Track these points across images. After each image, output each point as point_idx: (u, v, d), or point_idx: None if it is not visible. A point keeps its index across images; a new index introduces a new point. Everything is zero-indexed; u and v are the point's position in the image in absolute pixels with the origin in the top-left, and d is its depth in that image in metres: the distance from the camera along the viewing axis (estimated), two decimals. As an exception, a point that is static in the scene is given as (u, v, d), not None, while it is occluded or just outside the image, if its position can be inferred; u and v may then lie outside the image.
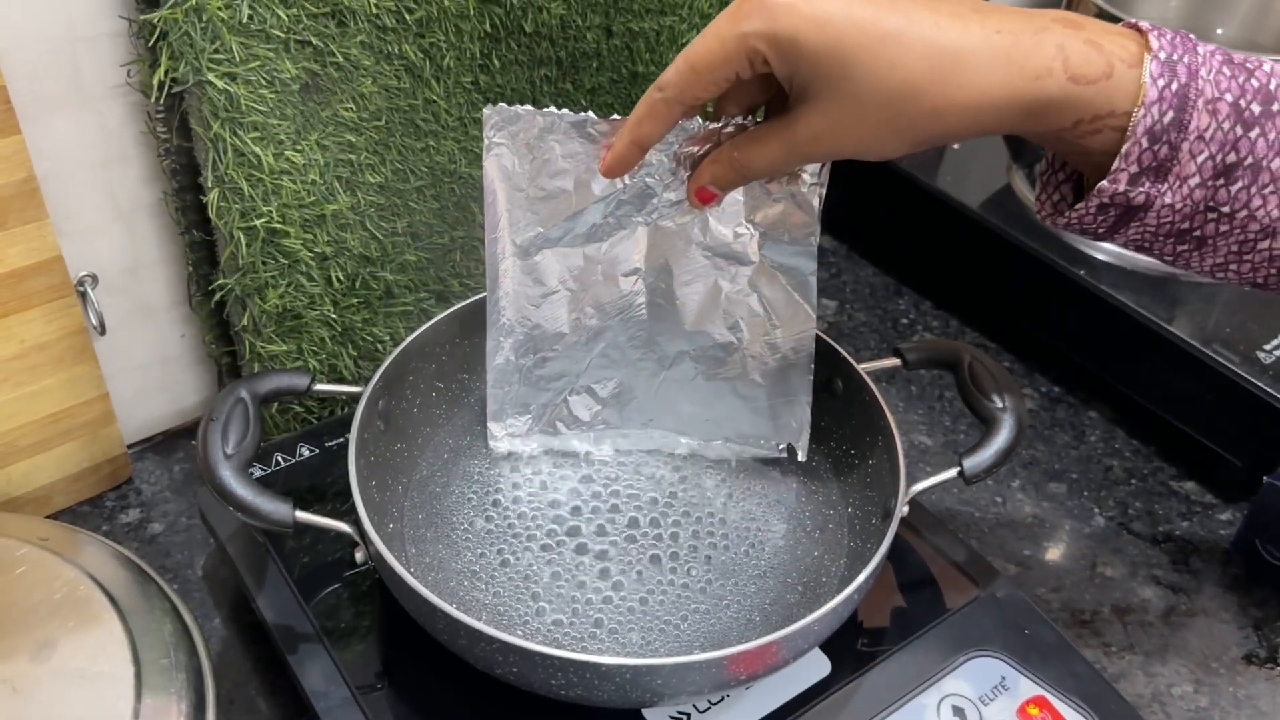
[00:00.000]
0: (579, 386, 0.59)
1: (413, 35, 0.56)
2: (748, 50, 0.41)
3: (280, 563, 0.55)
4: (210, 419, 0.50)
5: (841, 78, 0.41)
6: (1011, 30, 0.40)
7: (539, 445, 0.59)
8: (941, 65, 0.40)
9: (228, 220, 0.55)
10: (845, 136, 0.43)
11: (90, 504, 0.63)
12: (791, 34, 0.40)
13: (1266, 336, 0.67)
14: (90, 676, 0.45)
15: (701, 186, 0.48)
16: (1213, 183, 0.41)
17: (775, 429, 0.58)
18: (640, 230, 0.54)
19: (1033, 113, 0.41)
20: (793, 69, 0.42)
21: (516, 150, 0.51)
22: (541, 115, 0.50)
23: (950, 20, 0.40)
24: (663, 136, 0.46)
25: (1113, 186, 0.41)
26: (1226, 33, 0.87)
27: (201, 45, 0.50)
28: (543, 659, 0.44)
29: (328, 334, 0.62)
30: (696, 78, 0.43)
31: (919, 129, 0.41)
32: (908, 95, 0.40)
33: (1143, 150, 0.40)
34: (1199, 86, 0.40)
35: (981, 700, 0.51)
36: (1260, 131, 0.40)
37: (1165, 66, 0.40)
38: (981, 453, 0.53)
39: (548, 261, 0.55)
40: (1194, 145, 0.40)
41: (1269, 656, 0.60)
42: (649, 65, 0.66)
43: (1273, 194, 0.41)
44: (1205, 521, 0.68)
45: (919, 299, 0.84)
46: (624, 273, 0.56)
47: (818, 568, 0.56)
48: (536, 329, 0.57)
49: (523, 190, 0.52)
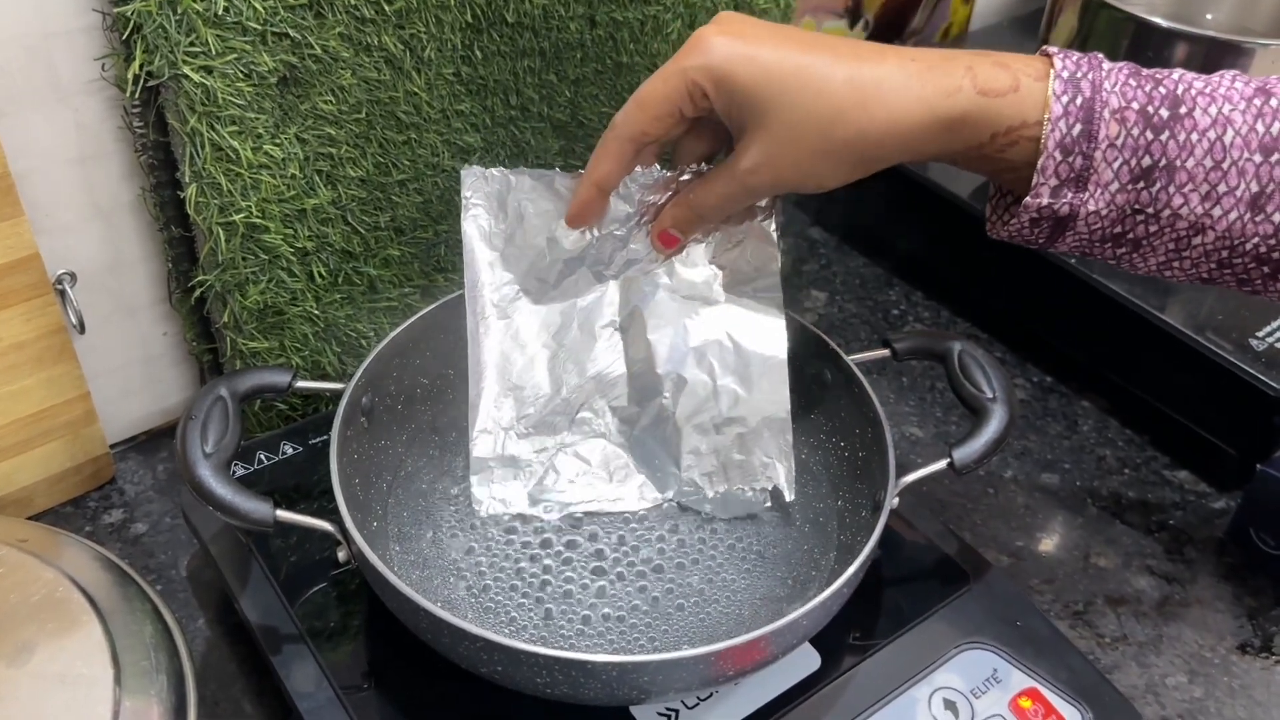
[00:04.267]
0: (564, 445, 0.57)
1: (392, 26, 0.56)
2: (688, 84, 0.46)
3: (264, 563, 0.54)
4: (189, 417, 0.49)
5: (773, 106, 0.45)
6: (924, 59, 0.45)
7: (526, 507, 0.56)
8: (863, 89, 0.44)
9: (206, 216, 0.54)
10: (783, 164, 0.46)
11: (73, 505, 0.63)
12: (726, 68, 0.45)
13: (1259, 324, 0.67)
14: (69, 679, 0.44)
15: (663, 230, 0.53)
16: (1133, 187, 0.43)
17: (760, 466, 0.56)
18: (612, 284, 0.56)
19: (950, 127, 0.44)
20: (729, 101, 0.46)
21: (491, 210, 0.54)
22: (513, 175, 0.53)
23: (869, 53, 0.45)
24: (622, 177, 0.50)
25: (1036, 201, 0.44)
26: (1217, 18, 0.86)
27: (176, 38, 0.50)
28: (528, 657, 0.43)
29: (310, 330, 0.62)
30: (644, 113, 0.47)
31: (850, 151, 0.45)
32: (834, 118, 0.44)
33: (1058, 163, 0.43)
34: (1104, 98, 0.43)
35: (973, 693, 0.50)
36: (1170, 134, 0.43)
37: (1068, 83, 0.43)
38: (972, 443, 0.53)
39: (526, 320, 0.56)
40: (1107, 153, 0.43)
41: (1264, 646, 0.59)
42: (633, 55, 0.65)
43: (1192, 191, 0.43)
44: (1199, 510, 0.67)
45: (910, 290, 0.84)
46: (600, 325, 0.56)
47: (807, 561, 0.55)
48: (518, 389, 0.56)
49: (499, 249, 0.55)
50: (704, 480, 0.56)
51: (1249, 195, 0.43)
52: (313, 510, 0.49)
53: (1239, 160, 0.42)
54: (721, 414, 0.56)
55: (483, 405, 0.55)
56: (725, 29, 0.46)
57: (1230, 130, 0.42)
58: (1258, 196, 0.43)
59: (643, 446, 0.57)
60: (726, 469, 0.56)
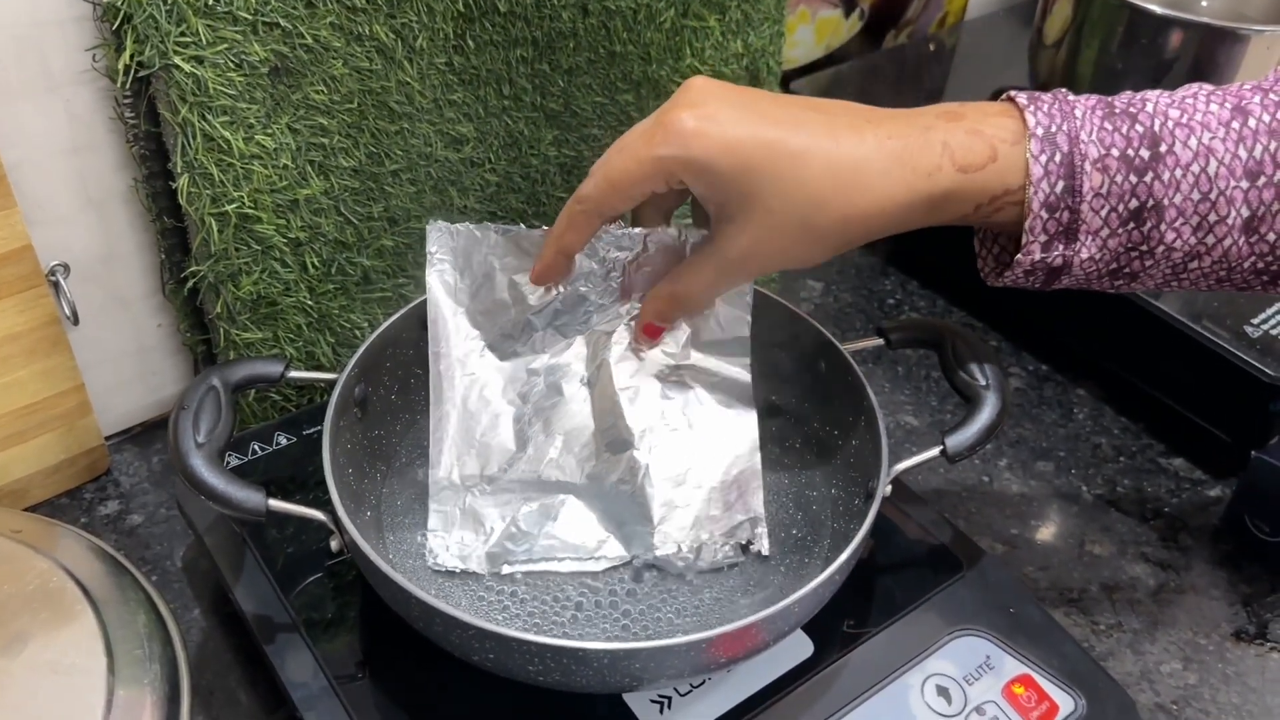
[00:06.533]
0: (529, 502, 0.54)
1: (383, 16, 0.56)
2: (664, 173, 0.45)
3: (258, 553, 0.54)
4: (181, 407, 0.49)
5: (755, 196, 0.44)
6: (901, 135, 0.44)
7: (486, 567, 0.53)
8: (843, 176, 0.43)
9: (198, 206, 0.54)
10: (769, 251, 0.46)
11: (68, 496, 0.63)
12: (704, 159, 0.44)
13: (1254, 311, 0.67)
14: (62, 669, 0.44)
15: (648, 324, 0.53)
16: (1124, 230, 0.43)
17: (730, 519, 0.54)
18: (579, 339, 0.56)
19: (934, 206, 0.44)
20: (707, 189, 0.45)
21: (457, 265, 0.53)
22: (478, 230, 0.52)
23: (847, 134, 0.44)
24: (585, 244, 0.50)
25: (1028, 258, 0.44)
26: (1212, 5, 0.86)
27: (167, 28, 0.50)
28: (519, 645, 0.43)
29: (304, 321, 0.61)
30: (614, 193, 0.46)
31: (834, 236, 0.45)
32: (817, 206, 0.44)
33: (1045, 221, 0.43)
34: (1082, 150, 0.43)
35: (966, 680, 0.50)
36: (1154, 174, 0.43)
37: (1045, 141, 0.43)
38: (964, 431, 0.53)
39: (492, 376, 0.55)
40: (1093, 203, 0.43)
41: (1258, 633, 0.59)
42: (626, 44, 0.65)
43: (1184, 225, 0.43)
44: (1194, 498, 0.67)
45: (905, 279, 0.83)
46: (566, 382, 0.55)
47: (801, 549, 0.55)
48: (483, 446, 0.55)
49: (465, 306, 0.54)
50: (677, 535, 0.53)
51: (1241, 221, 0.43)
52: (307, 500, 0.49)
53: (1226, 190, 0.42)
54: (693, 468, 0.55)
55: (444, 460, 0.54)
56: (698, 111, 0.44)
57: (1213, 160, 0.42)
58: (1250, 220, 0.43)
59: (612, 503, 0.54)
60: (699, 524, 0.54)
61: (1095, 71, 0.79)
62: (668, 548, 0.53)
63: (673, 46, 0.68)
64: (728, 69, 0.72)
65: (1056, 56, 0.82)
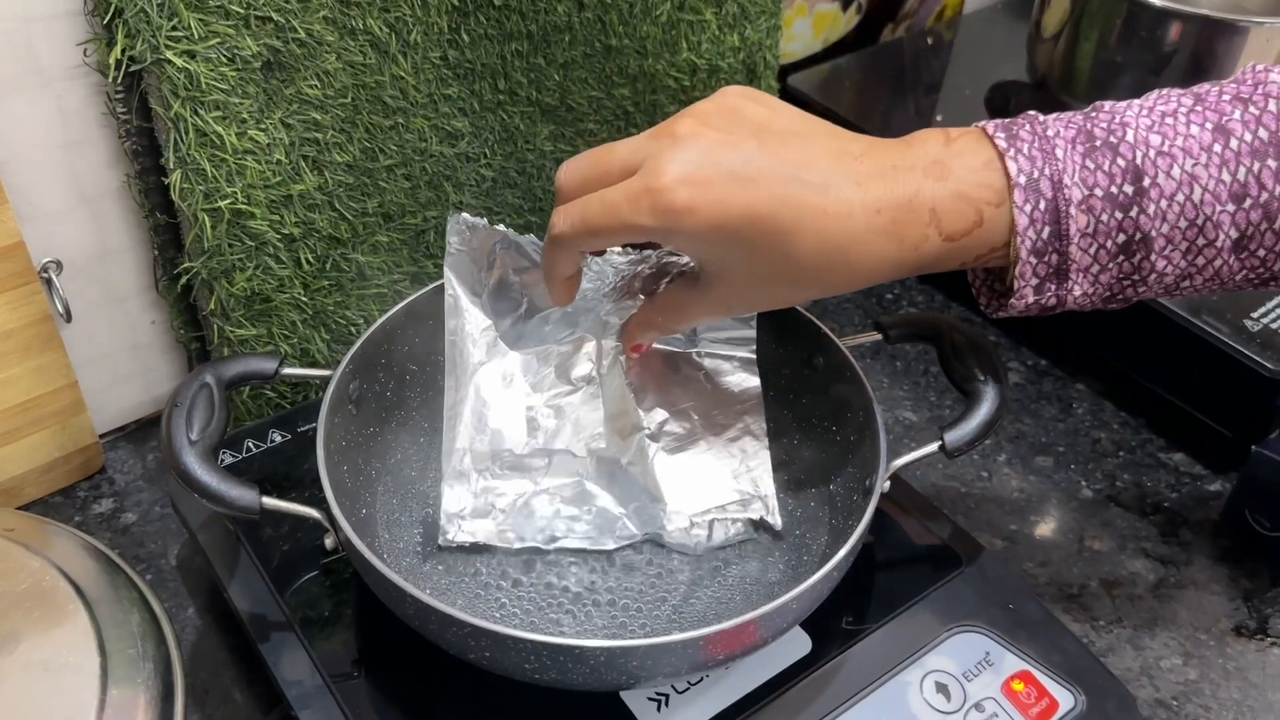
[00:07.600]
0: (540, 489, 0.55)
1: (377, 9, 0.55)
2: (644, 236, 0.44)
3: (252, 552, 0.54)
4: (174, 404, 0.49)
5: (741, 263, 0.45)
6: (889, 205, 0.43)
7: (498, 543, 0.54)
8: (830, 257, 0.43)
9: (191, 202, 0.54)
10: (756, 300, 0.48)
11: (62, 494, 0.62)
12: (691, 235, 0.43)
13: (1253, 305, 0.67)
14: (55, 668, 0.44)
15: (633, 343, 0.54)
16: (1114, 264, 0.44)
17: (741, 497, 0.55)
18: (588, 330, 0.57)
19: (920, 268, 0.45)
20: (691, 255, 0.47)
21: (474, 257, 0.54)
22: (494, 230, 0.53)
23: (836, 207, 0.43)
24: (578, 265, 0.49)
25: (1021, 301, 0.45)
26: (1212, -2, 0.85)
27: (158, 22, 0.49)
28: (516, 643, 0.43)
29: (299, 317, 0.61)
30: (592, 239, 0.45)
31: (818, 293, 0.46)
32: (803, 276, 0.44)
33: (1034, 266, 0.44)
34: (1066, 194, 0.43)
35: (965, 676, 0.50)
36: (1139, 208, 0.43)
37: (1028, 191, 0.43)
38: (963, 425, 0.52)
39: (506, 364, 0.56)
40: (1081, 243, 0.43)
41: (1259, 628, 0.59)
42: (622, 39, 0.65)
43: (1173, 251, 0.43)
44: (1194, 493, 0.67)
45: (904, 274, 0.83)
46: (576, 371, 0.57)
47: (799, 545, 0.55)
48: (495, 432, 0.55)
49: (479, 296, 0.55)
50: (689, 511, 0.54)
51: (1230, 242, 0.43)
52: (301, 498, 0.48)
53: (1213, 215, 0.42)
54: (701, 449, 0.56)
55: (458, 443, 0.54)
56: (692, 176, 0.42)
57: (1198, 188, 0.42)
58: (1240, 240, 0.43)
59: (623, 483, 0.55)
60: (710, 501, 0.54)
61: (1094, 64, 0.79)
62: (679, 524, 0.54)
63: (669, 40, 0.67)
64: (724, 63, 0.71)
65: (1055, 49, 0.81)
